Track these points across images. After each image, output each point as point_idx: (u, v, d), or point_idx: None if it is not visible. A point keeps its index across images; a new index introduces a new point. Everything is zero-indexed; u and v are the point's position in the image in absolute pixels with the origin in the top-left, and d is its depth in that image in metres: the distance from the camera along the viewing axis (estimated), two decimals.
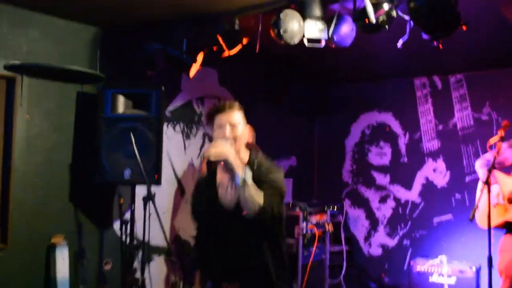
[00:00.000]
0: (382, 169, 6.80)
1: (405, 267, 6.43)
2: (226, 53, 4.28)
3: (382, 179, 6.79)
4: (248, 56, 4.54)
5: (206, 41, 4.31)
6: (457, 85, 6.30)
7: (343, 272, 5.99)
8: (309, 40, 3.80)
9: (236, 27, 4.17)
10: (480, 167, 4.32)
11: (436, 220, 6.33)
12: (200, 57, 4.43)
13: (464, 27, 3.28)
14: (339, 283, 5.98)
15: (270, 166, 2.83)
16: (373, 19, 3.41)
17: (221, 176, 2.77)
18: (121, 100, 4.38)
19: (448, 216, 6.24)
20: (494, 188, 4.13)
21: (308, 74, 6.68)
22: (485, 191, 3.92)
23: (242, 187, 2.54)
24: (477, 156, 6.05)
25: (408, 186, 6.58)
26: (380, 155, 6.82)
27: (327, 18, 3.79)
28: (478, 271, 5.10)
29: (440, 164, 6.37)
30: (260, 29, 4.04)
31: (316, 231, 5.50)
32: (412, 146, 6.59)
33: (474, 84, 6.20)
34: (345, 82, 7.02)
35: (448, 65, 5.98)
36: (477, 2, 3.67)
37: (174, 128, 5.31)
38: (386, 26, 3.52)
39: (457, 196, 6.20)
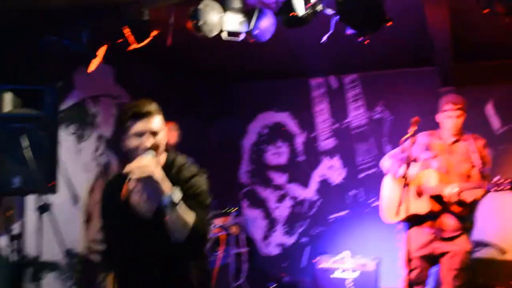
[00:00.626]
0: (279, 168, 6.69)
1: (304, 264, 6.41)
2: (133, 46, 3.81)
3: (279, 178, 6.68)
4: (146, 52, 4.09)
5: (111, 33, 3.79)
6: (352, 85, 6.39)
7: (244, 274, 5.75)
8: (229, 33, 3.51)
9: (146, 17, 3.73)
10: (388, 158, 4.34)
11: (333, 216, 6.36)
12: (102, 50, 3.91)
13: (389, 23, 3.22)
14: (241, 285, 5.73)
15: (192, 169, 2.40)
16: (301, 12, 3.19)
17: (134, 183, 2.26)
18: (8, 97, 3.67)
19: (345, 212, 6.31)
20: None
21: (208, 73, 6.38)
22: (395, 185, 4.13)
23: (170, 208, 2.11)
24: (370, 153, 6.19)
25: (305, 184, 6.55)
26: (277, 154, 6.71)
27: (246, 11, 3.52)
28: (378, 264, 5.15)
29: (336, 162, 6.42)
30: (172, 21, 3.65)
31: (221, 234, 5.20)
32: (309, 145, 6.56)
33: (368, 84, 6.33)
34: (242, 82, 6.82)
35: (344, 65, 6.03)
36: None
37: (65, 130, 4.68)
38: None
39: (353, 192, 6.29)
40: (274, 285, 6.17)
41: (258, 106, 6.83)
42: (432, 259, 4.09)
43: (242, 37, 3.58)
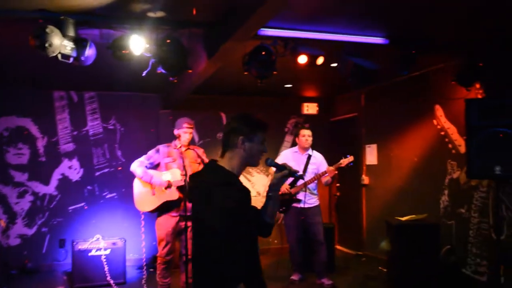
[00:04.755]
0: (20, 167, 6.20)
1: (44, 250, 6.20)
2: None
3: (20, 176, 6.19)
4: None
5: None
6: (90, 100, 6.54)
7: None
8: (62, 56, 3.55)
9: None
10: (138, 166, 4.66)
11: (71, 208, 6.37)
12: None
13: (190, 71, 3.95)
14: None
15: None
16: (138, 52, 3.62)
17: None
18: None
19: (81, 204, 6.42)
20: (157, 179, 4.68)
21: None
22: (142, 184, 4.58)
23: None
24: (104, 156, 6.53)
25: (46, 181, 6.31)
26: (18, 155, 6.21)
27: (77, 40, 3.64)
28: (124, 242, 5.60)
29: (75, 162, 6.45)
30: None
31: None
32: (50, 147, 6.34)
33: (104, 101, 6.61)
34: None
35: (84, 83, 6.20)
36: None
37: None
38: None
39: (89, 187, 6.46)
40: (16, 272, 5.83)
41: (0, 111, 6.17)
42: (178, 234, 4.67)
43: (71, 60, 3.66)
